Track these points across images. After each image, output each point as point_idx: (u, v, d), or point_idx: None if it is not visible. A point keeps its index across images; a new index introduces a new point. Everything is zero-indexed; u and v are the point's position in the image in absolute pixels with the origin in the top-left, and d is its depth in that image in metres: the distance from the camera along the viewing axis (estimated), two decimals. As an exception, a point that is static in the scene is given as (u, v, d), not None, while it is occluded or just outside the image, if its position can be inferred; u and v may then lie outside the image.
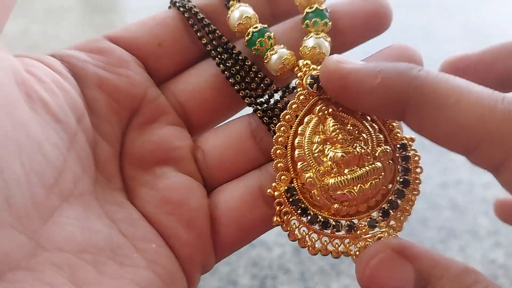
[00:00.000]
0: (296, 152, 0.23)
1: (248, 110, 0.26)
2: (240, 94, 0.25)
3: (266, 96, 0.25)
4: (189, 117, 0.25)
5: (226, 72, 0.25)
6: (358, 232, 0.22)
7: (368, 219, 0.23)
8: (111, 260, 0.20)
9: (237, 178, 0.24)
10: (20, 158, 0.18)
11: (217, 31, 0.25)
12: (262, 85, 0.25)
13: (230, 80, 0.25)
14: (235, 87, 0.25)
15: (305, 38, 0.25)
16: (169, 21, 0.25)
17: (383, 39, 0.26)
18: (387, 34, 0.26)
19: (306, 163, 0.23)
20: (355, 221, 0.23)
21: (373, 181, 0.22)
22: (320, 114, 0.23)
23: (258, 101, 0.25)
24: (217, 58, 0.25)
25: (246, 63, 0.25)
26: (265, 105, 0.25)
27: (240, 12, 0.25)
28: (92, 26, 0.73)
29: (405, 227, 0.23)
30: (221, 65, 0.25)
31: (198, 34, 0.25)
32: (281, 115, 0.23)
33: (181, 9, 0.25)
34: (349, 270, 0.39)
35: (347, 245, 0.22)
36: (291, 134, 0.23)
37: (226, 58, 0.25)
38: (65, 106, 0.21)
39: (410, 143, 0.23)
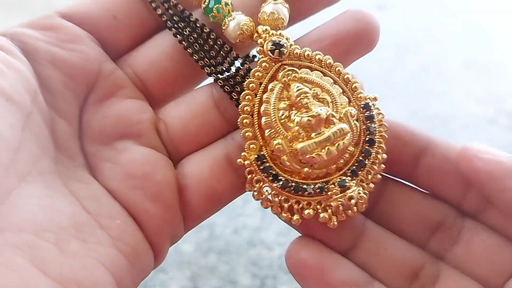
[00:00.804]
0: (263, 119, 0.23)
1: (210, 80, 0.25)
2: (199, 63, 0.24)
3: (226, 64, 0.25)
4: (149, 90, 0.25)
5: (184, 43, 0.24)
6: (329, 193, 0.23)
7: (338, 180, 0.23)
8: (74, 238, 0.20)
9: (203, 148, 0.24)
10: None
11: (172, 0, 0.25)
12: (221, 52, 0.25)
13: (188, 50, 0.24)
14: (194, 57, 0.24)
15: (263, 4, 0.25)
16: None
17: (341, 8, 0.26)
18: (387, 32, 0.26)
19: (273, 130, 0.23)
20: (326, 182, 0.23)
21: (340, 142, 0.22)
22: (283, 80, 0.23)
23: (218, 69, 0.24)
24: (173, 29, 0.24)
25: (204, 30, 0.25)
26: (226, 74, 0.24)
27: None
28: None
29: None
30: (178, 35, 0.24)
31: (153, 4, 0.25)
32: (245, 83, 0.23)
33: None
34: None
35: (320, 207, 0.23)
36: (257, 102, 0.23)
37: (183, 27, 0.25)
38: (18, 86, 0.20)
39: (373, 102, 0.24)
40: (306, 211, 0.23)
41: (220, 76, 0.24)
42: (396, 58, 0.25)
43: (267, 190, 0.23)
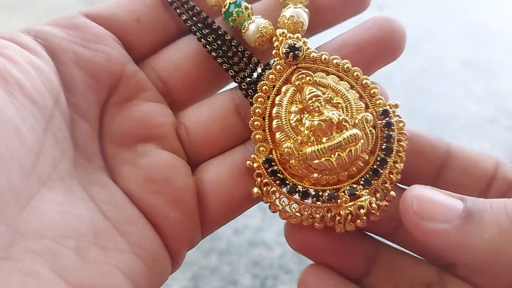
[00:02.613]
0: (274, 122, 0.22)
1: (230, 86, 0.25)
2: (224, 66, 0.24)
3: (248, 71, 0.25)
4: (171, 93, 0.25)
5: (208, 46, 0.24)
6: (339, 201, 0.22)
7: (348, 188, 0.22)
8: (94, 245, 0.19)
9: (222, 154, 0.24)
10: None
11: (196, 7, 0.25)
12: (244, 58, 0.25)
13: (212, 53, 0.24)
14: (218, 60, 0.24)
15: (283, 9, 0.24)
16: None
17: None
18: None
19: (284, 133, 0.22)
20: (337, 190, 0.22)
21: (352, 149, 0.22)
22: (297, 83, 0.23)
23: (240, 75, 0.24)
24: (198, 33, 0.25)
25: (226, 37, 0.25)
26: (248, 79, 0.24)
27: None
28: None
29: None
30: (202, 40, 0.24)
31: (177, 10, 0.25)
32: (258, 86, 0.23)
33: None
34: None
35: (329, 214, 0.22)
36: (269, 105, 0.23)
37: (207, 33, 0.25)
38: (41, 87, 0.20)
39: (393, 109, 0.23)
40: (316, 224, 0.22)
41: (243, 79, 0.24)
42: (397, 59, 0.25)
43: (275, 195, 0.22)
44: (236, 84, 0.24)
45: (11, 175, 0.18)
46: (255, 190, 0.22)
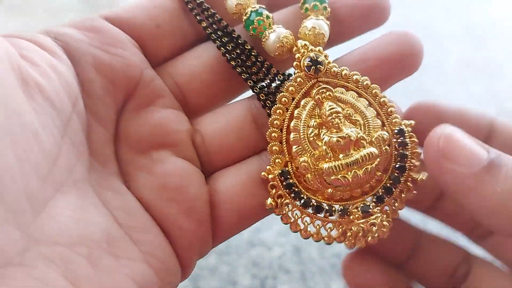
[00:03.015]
0: (292, 135, 0.23)
1: (246, 95, 0.25)
2: (243, 76, 0.24)
3: (267, 81, 0.24)
4: (187, 100, 0.25)
5: (227, 55, 0.24)
6: (351, 217, 0.22)
7: (361, 205, 0.22)
8: (106, 253, 0.19)
9: (237, 164, 0.24)
10: (14, 149, 0.17)
11: (217, 15, 0.25)
12: (263, 69, 0.24)
13: (231, 62, 0.24)
14: (237, 70, 0.24)
15: (304, 20, 0.24)
16: (167, 4, 0.25)
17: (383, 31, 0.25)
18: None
19: (301, 147, 0.22)
20: (349, 206, 0.23)
21: (368, 167, 0.22)
22: (317, 97, 0.23)
23: (259, 85, 0.24)
24: (217, 41, 0.24)
25: (246, 46, 0.25)
26: (267, 90, 0.24)
27: None
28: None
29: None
30: (221, 48, 0.24)
31: (198, 17, 0.25)
32: (277, 97, 0.23)
33: None
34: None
35: (340, 230, 0.22)
36: (287, 117, 0.23)
37: (226, 41, 0.25)
38: (60, 91, 0.20)
39: (408, 128, 0.23)
40: (325, 239, 0.22)
41: (262, 90, 0.24)
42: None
43: (287, 207, 0.22)
44: (253, 93, 0.24)
45: (28, 180, 0.18)
46: (269, 201, 0.22)
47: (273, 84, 0.24)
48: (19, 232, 0.17)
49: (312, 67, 0.23)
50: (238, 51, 0.25)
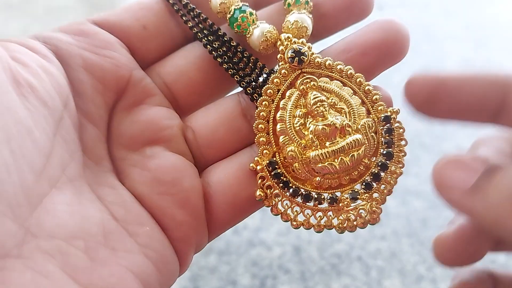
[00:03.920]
0: (278, 126, 0.23)
1: (236, 91, 0.26)
2: (229, 72, 0.25)
3: (254, 76, 0.25)
4: (176, 99, 0.25)
5: (213, 53, 0.25)
6: (341, 204, 0.22)
7: (350, 192, 0.23)
8: (103, 246, 0.20)
9: (229, 157, 0.24)
10: (9, 144, 0.18)
11: (202, 14, 0.26)
12: (250, 64, 0.25)
13: (218, 59, 0.25)
14: (224, 66, 0.25)
15: (287, 15, 0.25)
16: (154, 5, 0.26)
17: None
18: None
19: (287, 136, 0.23)
20: (338, 193, 0.23)
21: (354, 153, 0.22)
22: (301, 87, 0.23)
23: (246, 80, 0.25)
24: (204, 40, 0.25)
25: (232, 43, 0.25)
26: (254, 83, 0.24)
27: None
28: (92, 26, 0.72)
29: (405, 226, 0.23)
30: (208, 46, 0.25)
31: (183, 18, 0.25)
32: (263, 89, 0.23)
33: None
34: (349, 270, 0.39)
35: (330, 217, 0.22)
36: (273, 108, 0.23)
37: (213, 40, 0.25)
38: (52, 90, 0.21)
39: (394, 116, 0.23)
40: (315, 227, 0.23)
41: (249, 84, 0.24)
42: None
43: (277, 197, 0.23)
44: (241, 88, 0.25)
45: (24, 175, 0.18)
46: (258, 192, 0.23)
47: (260, 78, 0.25)
48: (16, 226, 0.18)
49: (296, 58, 0.23)
50: (225, 48, 0.25)
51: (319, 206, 0.23)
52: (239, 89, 0.25)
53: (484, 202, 0.19)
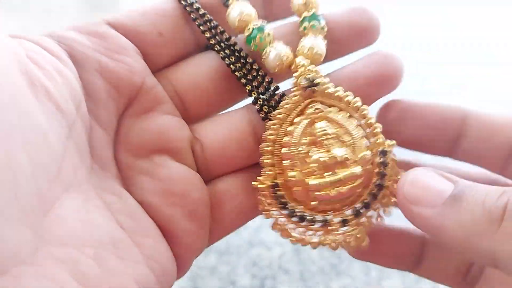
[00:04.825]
0: (283, 150, 0.24)
1: (243, 103, 0.26)
2: (247, 88, 0.25)
3: (267, 96, 0.25)
4: (186, 107, 0.25)
5: (232, 66, 0.25)
6: (329, 228, 0.24)
7: (340, 217, 0.24)
8: (112, 255, 0.20)
9: (236, 172, 0.25)
10: (26, 149, 0.18)
11: (219, 27, 0.26)
12: (264, 83, 0.25)
13: (236, 73, 0.25)
14: (242, 81, 0.25)
15: (302, 38, 0.26)
16: (170, 12, 0.26)
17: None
18: (387, 33, 0.26)
19: (291, 161, 0.24)
20: (329, 216, 0.25)
21: (351, 185, 0.24)
22: (311, 116, 0.24)
23: (262, 98, 0.25)
24: (222, 53, 0.25)
25: (248, 60, 0.26)
26: (267, 103, 0.25)
27: (240, 9, 0.25)
28: (92, 26, 0.72)
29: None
30: (226, 59, 0.25)
31: (201, 28, 0.26)
32: (273, 113, 0.25)
33: (183, 2, 0.26)
34: (349, 270, 0.39)
35: (321, 237, 0.24)
36: (281, 132, 0.24)
37: (229, 54, 0.25)
38: (65, 94, 0.21)
39: (390, 149, 0.25)
40: (311, 243, 0.24)
41: (262, 102, 0.25)
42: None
43: (275, 215, 0.24)
44: (251, 104, 0.26)
45: (39, 180, 0.18)
46: (261, 207, 0.24)
47: (274, 98, 0.26)
48: (31, 233, 0.18)
49: (309, 87, 0.24)
50: (239, 64, 0.25)
51: (311, 226, 0.24)
52: (246, 101, 0.26)
53: (455, 221, 0.19)
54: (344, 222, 0.24)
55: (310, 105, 0.25)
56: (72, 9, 0.78)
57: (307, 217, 0.24)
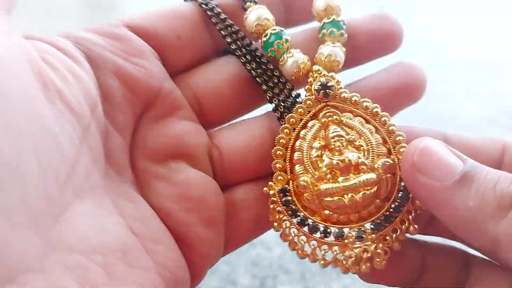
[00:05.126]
0: (295, 154, 0.23)
1: (261, 110, 0.26)
2: (268, 94, 0.25)
3: (288, 103, 0.25)
4: (204, 113, 0.25)
5: (253, 72, 0.25)
6: (346, 241, 0.22)
7: (357, 230, 0.22)
8: (121, 262, 0.19)
9: (254, 181, 0.24)
10: (36, 153, 0.17)
11: (240, 32, 0.25)
12: (285, 90, 0.25)
13: (257, 79, 0.25)
14: (263, 87, 0.25)
15: (321, 45, 0.25)
16: (189, 16, 0.25)
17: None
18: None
19: (303, 166, 0.23)
20: (346, 229, 0.23)
21: (366, 192, 0.22)
22: (323, 120, 0.24)
23: (281, 106, 0.25)
24: (242, 58, 0.25)
25: (268, 66, 0.25)
26: (288, 110, 0.25)
27: (258, 14, 0.25)
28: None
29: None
30: (247, 64, 0.25)
31: (222, 32, 0.25)
32: (286, 117, 0.24)
33: (203, 6, 0.25)
34: (349, 270, 0.39)
35: (335, 252, 0.22)
36: (293, 137, 0.24)
37: (250, 60, 0.25)
38: (80, 96, 0.20)
39: None
40: (321, 263, 0.22)
41: (282, 109, 0.25)
42: (396, 58, 0.26)
43: (286, 224, 0.23)
44: (272, 111, 0.25)
45: (48, 185, 0.18)
46: (271, 217, 0.23)
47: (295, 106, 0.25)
48: (39, 239, 0.17)
49: (322, 91, 0.24)
50: (260, 70, 0.25)
51: (325, 239, 0.23)
52: (265, 108, 0.26)
53: (464, 200, 0.19)
54: (360, 236, 0.22)
55: (324, 110, 0.24)
56: (72, 10, 0.78)
57: (320, 228, 0.23)
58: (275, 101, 0.24)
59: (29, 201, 0.17)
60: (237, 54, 0.25)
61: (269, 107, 0.25)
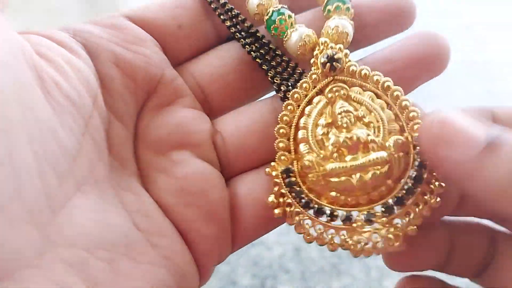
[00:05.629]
0: (300, 133, 0.22)
1: (268, 95, 0.25)
2: (269, 74, 0.24)
3: (292, 81, 0.24)
4: (208, 100, 0.24)
5: (253, 53, 0.24)
6: (354, 225, 0.20)
7: (366, 213, 0.21)
8: (126, 257, 0.19)
9: (259, 168, 0.23)
10: (31, 146, 0.17)
11: (240, 15, 0.25)
12: (288, 68, 0.24)
13: (257, 60, 0.24)
14: (263, 67, 0.24)
15: (327, 21, 0.23)
16: (189, 4, 0.25)
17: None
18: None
19: (308, 145, 0.21)
20: (354, 212, 0.21)
21: (376, 172, 0.20)
22: (330, 96, 0.22)
23: (283, 84, 0.23)
24: (241, 41, 0.24)
25: (270, 46, 0.24)
26: (290, 88, 0.23)
27: None
28: (92, 26, 0.73)
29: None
30: (247, 46, 0.24)
31: (221, 17, 0.25)
32: (290, 93, 0.22)
33: None
34: (349, 270, 0.39)
35: (342, 237, 0.21)
36: (298, 114, 0.22)
37: (251, 42, 0.24)
38: (79, 87, 0.20)
39: None
40: (329, 246, 0.21)
41: (285, 88, 0.23)
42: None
43: (290, 207, 0.21)
44: (275, 93, 0.24)
45: (46, 178, 0.17)
46: (271, 198, 0.21)
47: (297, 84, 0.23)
48: (37, 233, 0.17)
49: (328, 63, 0.22)
50: (263, 51, 0.24)
51: (332, 223, 0.21)
52: (272, 93, 0.25)
53: (493, 170, 0.17)
54: (369, 219, 0.20)
55: (331, 84, 0.22)
56: (72, 9, 0.78)
57: (326, 211, 0.21)
58: (276, 80, 0.23)
59: (25, 194, 0.16)
60: (236, 36, 0.24)
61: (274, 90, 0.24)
